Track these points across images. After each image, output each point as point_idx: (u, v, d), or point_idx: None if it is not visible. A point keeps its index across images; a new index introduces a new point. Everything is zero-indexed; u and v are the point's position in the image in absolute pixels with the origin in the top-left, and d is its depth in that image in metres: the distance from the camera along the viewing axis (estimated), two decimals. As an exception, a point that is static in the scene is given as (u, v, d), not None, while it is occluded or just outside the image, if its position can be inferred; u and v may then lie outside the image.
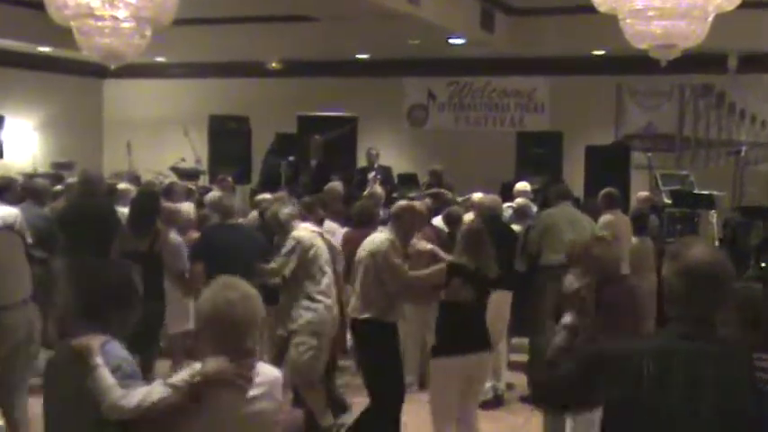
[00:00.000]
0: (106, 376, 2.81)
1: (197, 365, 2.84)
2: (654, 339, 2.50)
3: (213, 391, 2.78)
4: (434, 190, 9.83)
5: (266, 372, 2.93)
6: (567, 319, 3.96)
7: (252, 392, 2.85)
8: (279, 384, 2.97)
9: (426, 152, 14.55)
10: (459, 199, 9.87)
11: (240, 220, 6.95)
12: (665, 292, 2.40)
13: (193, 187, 10.76)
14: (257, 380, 2.87)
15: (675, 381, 2.27)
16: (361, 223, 7.21)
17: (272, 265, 6.06)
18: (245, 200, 13.09)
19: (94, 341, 2.88)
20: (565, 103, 14.50)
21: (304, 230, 6.27)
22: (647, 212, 8.95)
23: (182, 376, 2.84)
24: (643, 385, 2.28)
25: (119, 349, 2.94)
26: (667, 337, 2.36)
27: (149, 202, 6.34)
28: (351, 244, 7.14)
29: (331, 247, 6.40)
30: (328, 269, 6.18)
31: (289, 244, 6.11)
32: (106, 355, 2.87)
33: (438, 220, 7.84)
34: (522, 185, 9.65)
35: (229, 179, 11.08)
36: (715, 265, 2.35)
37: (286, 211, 6.34)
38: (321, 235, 6.41)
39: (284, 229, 6.24)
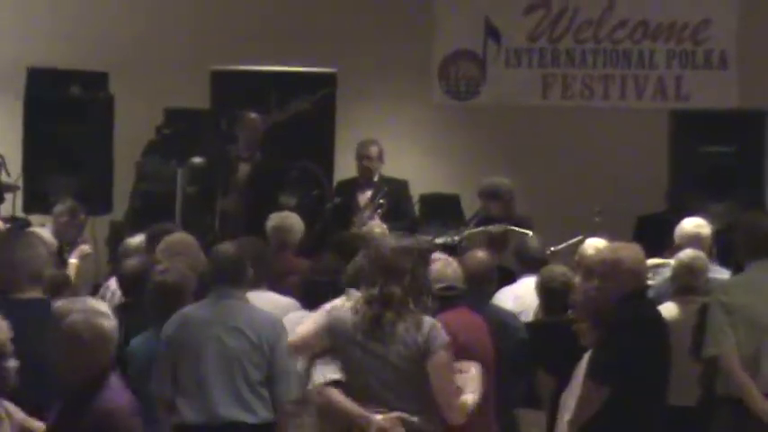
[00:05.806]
0: None
1: None
2: None
3: None
4: (499, 226, 10.51)
5: None
6: None
7: None
8: None
9: (480, 151, 14.99)
10: (552, 249, 10.60)
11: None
12: None
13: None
14: None
15: None
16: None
17: None
18: (96, 246, 13.33)
19: None
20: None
21: None
22: None
23: None
24: None
25: None
26: None
27: None
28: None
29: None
30: None
31: None
32: None
33: (519, 293, 9.09)
34: (693, 225, 10.12)
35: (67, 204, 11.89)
36: None
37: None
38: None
39: None
